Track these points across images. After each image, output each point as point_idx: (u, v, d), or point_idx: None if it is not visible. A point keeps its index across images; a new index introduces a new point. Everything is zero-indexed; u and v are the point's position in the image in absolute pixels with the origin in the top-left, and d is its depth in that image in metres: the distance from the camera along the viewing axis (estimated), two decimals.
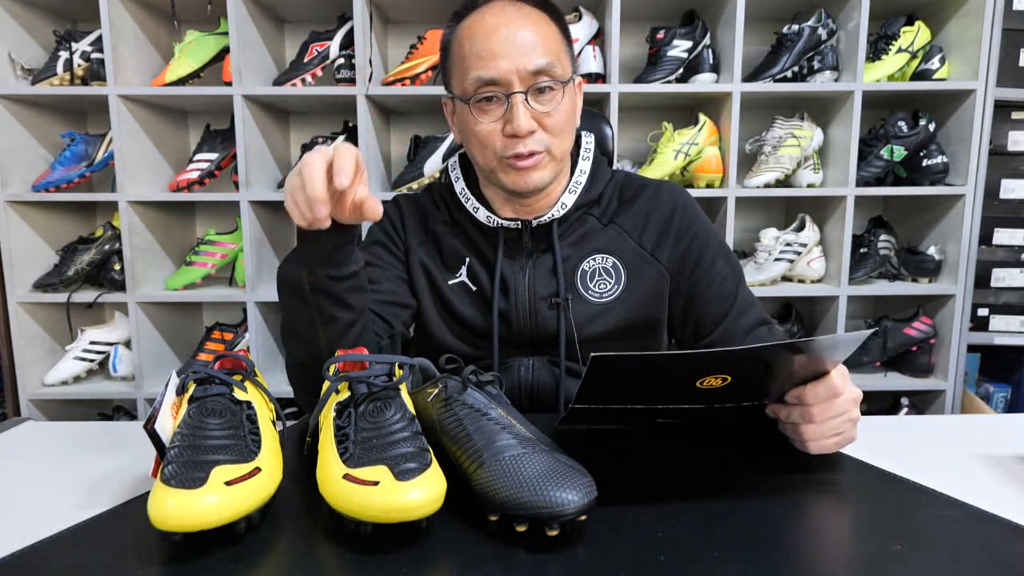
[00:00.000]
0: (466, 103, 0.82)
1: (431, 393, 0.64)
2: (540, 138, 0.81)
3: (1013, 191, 1.84)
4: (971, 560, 0.48)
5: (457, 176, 0.92)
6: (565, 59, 0.83)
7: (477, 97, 0.80)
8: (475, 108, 0.81)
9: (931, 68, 1.75)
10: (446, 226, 0.93)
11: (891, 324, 1.83)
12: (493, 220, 0.88)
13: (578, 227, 0.90)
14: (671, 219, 0.90)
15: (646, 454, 0.70)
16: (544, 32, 0.81)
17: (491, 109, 0.81)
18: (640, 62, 1.85)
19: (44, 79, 1.72)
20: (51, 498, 0.62)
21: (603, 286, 0.88)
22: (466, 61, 0.81)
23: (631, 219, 0.91)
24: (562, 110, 0.82)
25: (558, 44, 0.82)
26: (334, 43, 1.74)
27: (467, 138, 0.86)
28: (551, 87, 0.80)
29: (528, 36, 0.79)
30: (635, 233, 0.90)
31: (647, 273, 0.89)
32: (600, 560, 0.48)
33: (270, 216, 1.86)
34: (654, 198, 0.92)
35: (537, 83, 0.79)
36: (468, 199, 0.90)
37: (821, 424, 0.65)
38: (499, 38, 0.78)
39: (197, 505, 0.47)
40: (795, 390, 0.66)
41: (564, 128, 0.83)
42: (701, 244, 0.90)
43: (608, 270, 0.89)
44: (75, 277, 1.77)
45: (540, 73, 0.79)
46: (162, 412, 0.58)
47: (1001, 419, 0.87)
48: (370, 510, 0.48)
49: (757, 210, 2.04)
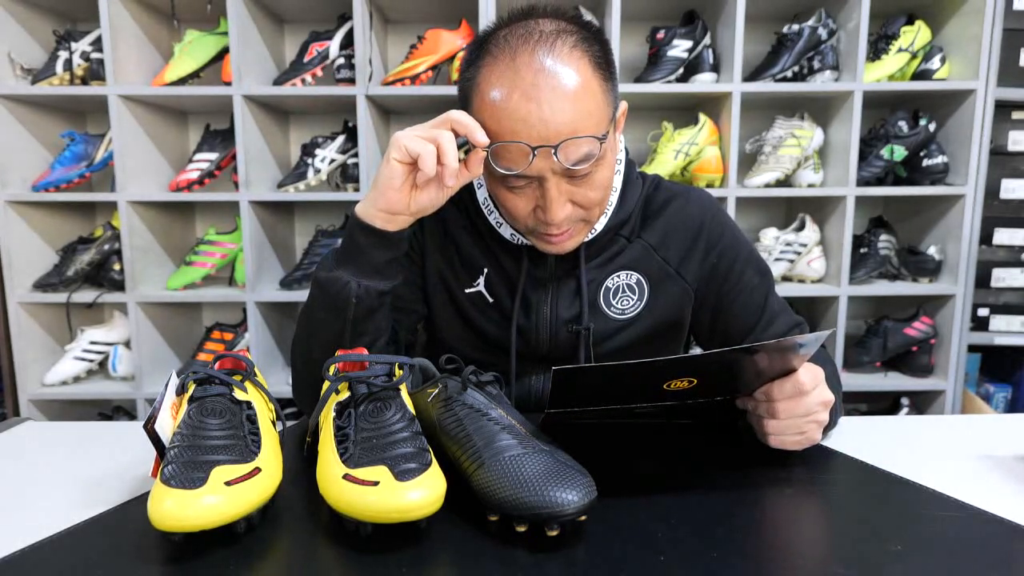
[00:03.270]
0: (493, 175, 0.71)
1: (431, 393, 0.64)
2: (575, 215, 0.73)
3: (1013, 191, 1.84)
4: (971, 560, 0.48)
5: (480, 183, 0.84)
6: (606, 110, 0.70)
7: (506, 176, 0.70)
8: (501, 184, 0.72)
9: (931, 68, 1.75)
10: (466, 232, 0.87)
11: (891, 324, 1.83)
12: (518, 239, 0.82)
13: (606, 248, 0.84)
14: (699, 234, 0.85)
15: (646, 454, 0.70)
16: (588, 105, 0.67)
17: (521, 189, 0.72)
18: (640, 62, 1.85)
19: (44, 79, 1.72)
20: (51, 498, 0.62)
21: (625, 303, 0.85)
22: (492, 131, 0.68)
23: (656, 233, 0.85)
24: (599, 180, 0.72)
25: (600, 104, 0.69)
26: (334, 43, 1.74)
27: (495, 193, 0.76)
28: (589, 165, 0.69)
29: (567, 111, 0.66)
30: (660, 248, 0.85)
31: (670, 290, 0.85)
32: (600, 560, 0.48)
33: (270, 216, 1.86)
34: (681, 211, 0.86)
35: (576, 173, 0.69)
36: (491, 212, 0.83)
37: (784, 420, 0.65)
38: (535, 121, 0.65)
39: (197, 505, 0.47)
40: (765, 386, 0.66)
41: (600, 199, 0.74)
42: (730, 257, 0.86)
43: (632, 286, 0.85)
44: (75, 277, 1.77)
45: (579, 163, 0.68)
46: (162, 412, 0.58)
47: (1001, 419, 0.87)
48: (370, 510, 0.48)
49: (757, 210, 2.04)
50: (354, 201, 1.73)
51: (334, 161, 1.79)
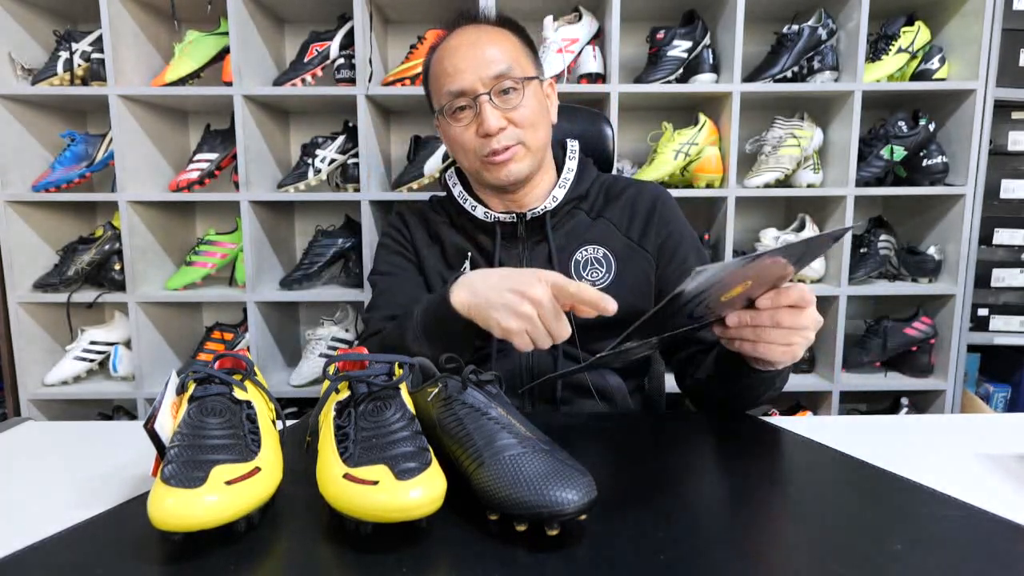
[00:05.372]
0: (443, 115, 0.92)
1: (431, 392, 0.64)
2: (511, 133, 0.90)
3: (1013, 191, 1.84)
4: (971, 560, 0.48)
5: (454, 183, 1.01)
6: (526, 62, 0.93)
7: (451, 108, 0.91)
8: (451, 118, 0.92)
9: (931, 68, 1.75)
10: (447, 226, 1.01)
11: (891, 324, 1.83)
12: (490, 215, 0.96)
13: (569, 220, 0.98)
14: (652, 211, 0.98)
15: (646, 453, 0.70)
16: (502, 44, 0.91)
17: (464, 116, 0.91)
18: (640, 62, 1.85)
19: (44, 79, 1.72)
20: (51, 498, 0.62)
21: (595, 275, 0.96)
22: (439, 80, 0.92)
23: (618, 213, 0.99)
24: (527, 105, 0.91)
25: (516, 51, 0.93)
26: (334, 43, 1.74)
27: (452, 148, 0.96)
28: (513, 87, 0.90)
29: (487, 49, 0.90)
30: (622, 226, 0.98)
31: (636, 262, 0.96)
32: (600, 560, 0.48)
33: (270, 216, 1.86)
34: (638, 194, 1.00)
35: (499, 85, 0.89)
36: (466, 200, 0.99)
37: (781, 331, 0.67)
38: (462, 55, 0.90)
39: (197, 505, 0.47)
40: (768, 292, 0.68)
41: (534, 121, 0.92)
42: (676, 239, 0.98)
43: (600, 260, 0.96)
44: (75, 277, 1.77)
45: (500, 77, 0.89)
46: (162, 412, 0.58)
47: (1001, 419, 0.87)
48: (370, 510, 0.48)
49: (757, 210, 2.04)
50: (354, 201, 1.74)
51: (334, 161, 1.79)
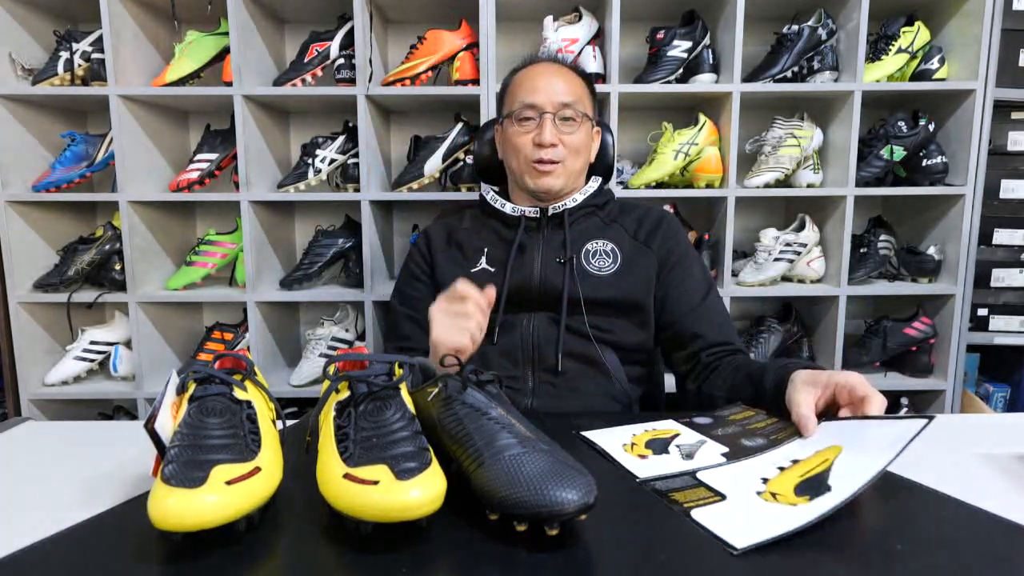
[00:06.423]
0: (512, 118, 1.07)
1: (431, 392, 0.64)
2: (559, 151, 1.05)
3: (1013, 191, 1.83)
4: (971, 560, 0.48)
5: (487, 190, 1.17)
6: (588, 104, 1.10)
7: (520, 115, 1.06)
8: (517, 122, 1.07)
9: (931, 68, 1.75)
10: (468, 231, 1.14)
11: (891, 324, 1.83)
12: (517, 210, 1.11)
13: (585, 220, 1.12)
14: (660, 224, 1.12)
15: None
16: (573, 84, 1.08)
17: (527, 124, 1.07)
18: (640, 62, 1.85)
19: (44, 79, 1.72)
20: (51, 498, 0.62)
21: (603, 263, 1.07)
22: (516, 93, 1.08)
23: (629, 221, 1.13)
24: (578, 136, 1.07)
25: (583, 93, 1.09)
26: (334, 43, 1.74)
27: (507, 149, 1.11)
28: (573, 117, 1.06)
29: (561, 83, 1.07)
30: (631, 231, 1.12)
31: (641, 260, 1.08)
32: (600, 560, 0.48)
33: (270, 216, 1.86)
34: (649, 211, 1.14)
35: (563, 112, 1.05)
36: (496, 200, 1.13)
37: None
38: (544, 80, 1.07)
39: (197, 504, 0.47)
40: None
41: (578, 149, 1.07)
42: (681, 252, 1.10)
43: (608, 252, 1.08)
44: (75, 277, 1.77)
45: (566, 105, 1.05)
46: (162, 412, 0.58)
47: (1001, 419, 0.87)
48: (370, 509, 0.48)
49: (757, 210, 2.04)
50: (354, 201, 1.74)
51: (334, 161, 1.79)
